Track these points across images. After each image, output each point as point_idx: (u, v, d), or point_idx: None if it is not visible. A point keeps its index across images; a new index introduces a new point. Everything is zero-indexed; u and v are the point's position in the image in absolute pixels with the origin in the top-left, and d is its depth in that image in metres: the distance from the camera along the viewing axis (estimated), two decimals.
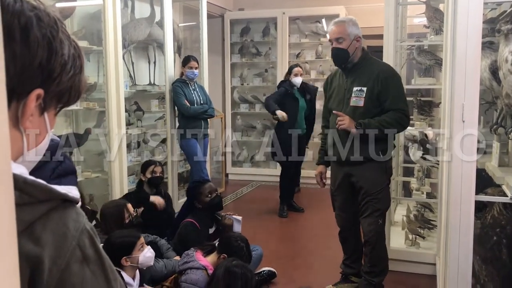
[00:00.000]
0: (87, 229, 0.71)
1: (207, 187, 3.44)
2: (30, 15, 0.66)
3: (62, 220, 0.68)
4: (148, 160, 4.10)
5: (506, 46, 1.85)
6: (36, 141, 0.73)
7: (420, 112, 4.03)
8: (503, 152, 2.31)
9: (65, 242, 0.67)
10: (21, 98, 0.67)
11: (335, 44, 2.87)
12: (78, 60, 0.74)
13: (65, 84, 0.72)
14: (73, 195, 0.71)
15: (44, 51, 0.67)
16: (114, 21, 3.74)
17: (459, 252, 1.92)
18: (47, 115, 0.73)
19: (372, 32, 6.30)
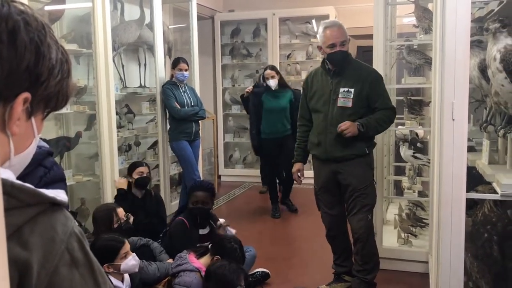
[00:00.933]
0: (76, 232, 0.71)
1: (198, 195, 3.36)
2: (17, 19, 0.66)
3: (50, 223, 0.68)
4: (134, 161, 4.07)
5: (494, 44, 1.86)
6: (23, 145, 0.72)
7: (411, 111, 4.06)
8: (492, 149, 2.33)
9: (53, 245, 0.67)
10: (8, 101, 0.67)
11: (339, 48, 2.89)
12: (66, 64, 0.74)
13: (52, 88, 0.72)
14: (61, 199, 0.70)
15: (31, 54, 0.67)
16: (103, 24, 3.72)
17: (451, 250, 1.93)
18: (34, 120, 0.73)
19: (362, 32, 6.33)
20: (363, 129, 2.86)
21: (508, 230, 2.15)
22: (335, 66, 2.97)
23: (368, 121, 2.89)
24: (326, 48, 2.93)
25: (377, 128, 2.95)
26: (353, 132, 2.85)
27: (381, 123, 2.93)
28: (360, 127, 2.86)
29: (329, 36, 2.91)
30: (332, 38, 2.90)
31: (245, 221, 5.02)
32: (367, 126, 2.87)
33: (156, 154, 4.84)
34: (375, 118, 2.91)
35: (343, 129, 2.85)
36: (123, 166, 4.32)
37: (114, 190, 3.85)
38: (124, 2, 4.55)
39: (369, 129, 2.89)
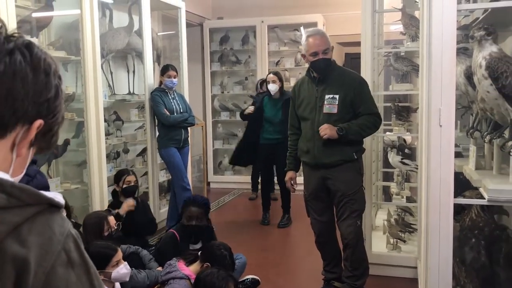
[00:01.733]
0: (72, 234, 0.73)
1: (191, 210, 3.33)
2: (50, 63, 0.79)
3: (48, 223, 0.70)
4: (121, 169, 4.04)
5: (479, 52, 1.89)
6: (18, 171, 0.78)
7: (398, 117, 4.10)
8: (479, 155, 2.36)
9: (51, 245, 0.69)
10: (26, 124, 0.75)
11: (322, 56, 2.93)
12: (64, 111, 0.84)
13: (56, 125, 0.81)
14: (58, 200, 0.73)
15: (53, 91, 0.78)
16: (92, 31, 3.71)
17: (439, 255, 1.94)
18: (31, 151, 0.79)
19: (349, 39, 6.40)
20: (342, 132, 2.89)
21: (495, 234, 2.17)
22: (319, 74, 3.01)
23: (349, 125, 2.92)
24: (309, 56, 2.98)
25: (360, 132, 2.95)
26: (330, 135, 2.89)
27: (363, 128, 2.95)
28: (339, 130, 2.89)
29: (312, 45, 2.96)
30: (314, 47, 2.95)
31: (234, 228, 5.01)
32: (347, 130, 2.90)
33: (145, 161, 4.82)
34: (357, 123, 2.94)
35: (320, 132, 2.91)
36: (111, 174, 4.29)
37: (103, 198, 3.83)
38: (113, 9, 4.54)
39: (349, 133, 2.90)
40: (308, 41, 2.97)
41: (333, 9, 6.75)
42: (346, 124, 2.92)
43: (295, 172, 3.30)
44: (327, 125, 2.91)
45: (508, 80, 1.80)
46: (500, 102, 1.87)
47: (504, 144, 1.94)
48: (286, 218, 5.07)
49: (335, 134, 2.89)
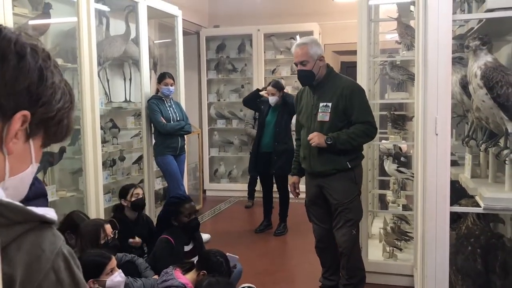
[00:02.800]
0: (64, 252, 0.70)
1: (188, 207, 3.34)
2: (25, 43, 0.72)
3: (38, 242, 0.67)
4: (126, 184, 3.92)
5: (474, 61, 1.91)
6: (19, 168, 0.74)
7: (394, 126, 4.12)
8: (475, 164, 2.37)
9: (39, 264, 0.66)
10: (7, 118, 0.69)
11: (300, 67, 3.00)
12: (69, 96, 0.77)
13: (53, 113, 0.74)
14: (50, 217, 0.70)
15: (34, 76, 0.71)
16: (89, 38, 3.71)
17: (436, 262, 1.95)
18: (33, 144, 0.74)
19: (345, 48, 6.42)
20: (330, 141, 2.90)
21: (491, 243, 2.18)
22: (302, 85, 3.14)
23: (338, 134, 2.92)
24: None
25: (349, 141, 2.92)
26: (318, 143, 2.91)
27: (353, 137, 2.92)
28: (328, 139, 2.90)
29: (294, 55, 3.08)
30: (294, 58, 3.07)
31: (230, 236, 5.00)
32: (335, 139, 2.90)
33: (141, 169, 4.80)
34: (347, 132, 2.94)
35: (309, 139, 2.93)
36: (107, 182, 4.27)
37: (99, 206, 3.80)
38: (110, 17, 4.55)
39: (338, 142, 2.90)
40: (293, 51, 3.10)
41: (329, 18, 6.79)
42: (335, 134, 2.93)
43: (298, 177, 3.31)
44: (316, 133, 2.94)
45: (503, 89, 1.82)
46: (495, 111, 1.88)
47: (500, 152, 1.95)
48: (282, 226, 5.06)
49: (323, 143, 2.91)
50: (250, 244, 4.77)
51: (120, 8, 4.60)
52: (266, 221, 5.19)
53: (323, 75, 3.04)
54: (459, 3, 2.54)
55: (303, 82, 3.10)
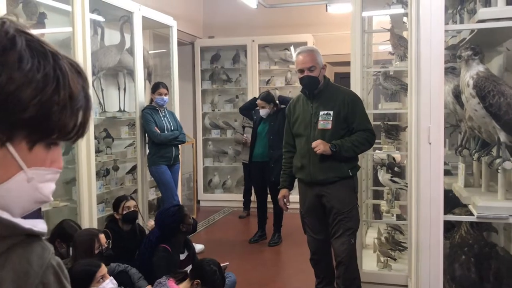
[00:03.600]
0: (53, 265, 0.68)
1: (186, 210, 3.42)
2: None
3: (25, 256, 0.65)
4: (118, 197, 3.88)
5: (467, 71, 1.93)
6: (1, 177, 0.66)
7: (388, 136, 4.14)
8: (468, 173, 2.39)
9: (27, 280, 0.64)
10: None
11: (307, 73, 2.98)
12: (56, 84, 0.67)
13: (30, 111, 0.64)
14: (38, 230, 0.68)
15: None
16: (83, 48, 3.72)
17: (430, 271, 1.95)
18: (14, 148, 0.66)
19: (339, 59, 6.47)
20: (335, 149, 2.91)
21: (485, 252, 2.19)
22: (306, 89, 3.08)
23: (342, 142, 2.94)
24: (298, 72, 3.07)
25: (353, 149, 2.96)
26: (323, 150, 2.90)
27: (356, 144, 2.96)
28: (333, 147, 2.91)
29: (299, 62, 3.05)
30: (300, 64, 3.04)
31: (224, 246, 4.98)
32: (340, 146, 2.92)
33: (135, 179, 4.79)
34: (350, 140, 2.96)
35: (314, 147, 2.93)
36: (100, 191, 4.25)
37: (92, 215, 3.78)
38: (104, 27, 4.56)
39: (342, 150, 2.92)
40: (297, 58, 3.07)
41: (322, 29, 6.85)
42: (339, 141, 2.94)
43: (288, 190, 3.30)
44: (320, 140, 2.94)
45: (495, 98, 1.84)
46: (488, 120, 1.90)
47: (492, 161, 1.97)
48: (276, 236, 5.05)
49: (328, 150, 2.91)
50: (244, 254, 4.75)
51: (115, 18, 4.62)
52: (260, 231, 5.18)
53: (322, 84, 3.06)
54: (451, 14, 2.58)
55: (309, 88, 3.06)
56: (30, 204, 0.71)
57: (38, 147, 0.69)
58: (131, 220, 3.69)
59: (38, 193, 0.70)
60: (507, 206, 1.92)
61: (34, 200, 0.71)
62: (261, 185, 5.08)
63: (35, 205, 0.71)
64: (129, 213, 3.64)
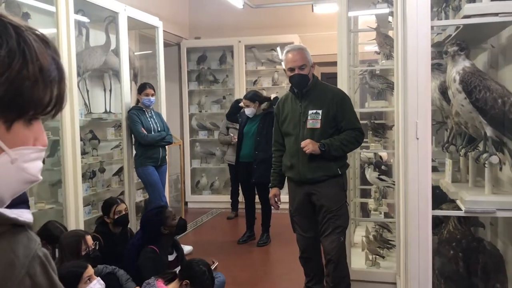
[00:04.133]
0: (39, 255, 0.66)
1: (170, 211, 3.38)
2: None
3: (10, 246, 0.63)
4: (107, 200, 3.85)
5: (453, 67, 1.95)
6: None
7: (375, 134, 4.16)
8: (455, 170, 2.40)
9: (12, 270, 0.62)
10: None
11: (298, 71, 2.97)
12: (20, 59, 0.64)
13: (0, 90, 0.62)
14: (24, 219, 0.66)
15: None
16: (68, 49, 3.68)
17: (419, 266, 1.96)
18: None
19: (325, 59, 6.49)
20: (324, 148, 2.91)
21: (472, 246, 2.20)
22: (296, 88, 3.06)
23: (331, 141, 2.95)
24: (287, 71, 3.05)
25: (342, 148, 2.97)
26: (313, 149, 2.90)
27: (345, 143, 2.97)
28: (322, 146, 2.91)
29: (289, 60, 3.04)
30: (290, 62, 3.03)
31: (213, 247, 4.96)
32: (329, 145, 2.92)
33: (122, 181, 4.74)
34: (339, 138, 2.97)
35: (303, 146, 2.92)
36: (87, 194, 4.21)
37: (78, 218, 3.73)
38: (89, 28, 4.52)
39: (331, 149, 2.93)
40: (287, 57, 3.05)
41: (309, 29, 6.87)
42: (328, 140, 2.95)
43: (279, 189, 3.29)
44: (309, 140, 2.94)
45: (481, 93, 1.86)
46: (474, 115, 1.92)
47: (479, 156, 1.98)
48: (265, 236, 5.04)
49: (317, 150, 2.91)
50: (233, 255, 4.73)
51: (100, 19, 4.58)
52: (248, 232, 5.17)
53: (311, 83, 3.06)
54: (436, 12, 2.60)
55: (299, 86, 3.05)
56: (19, 185, 0.69)
57: (17, 126, 0.66)
58: (123, 224, 3.67)
59: (25, 173, 0.69)
60: (494, 200, 1.94)
61: (23, 181, 0.69)
62: (249, 186, 5.07)
63: (24, 185, 0.70)
64: (121, 217, 3.62)
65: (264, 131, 4.80)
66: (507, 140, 1.95)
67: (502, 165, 2.00)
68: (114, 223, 3.60)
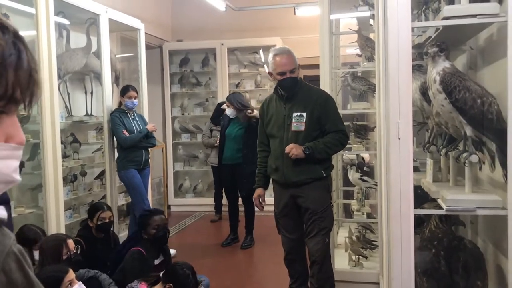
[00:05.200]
0: (14, 251, 0.65)
1: (157, 219, 3.33)
2: None
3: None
4: (94, 204, 3.82)
5: (433, 67, 1.98)
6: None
7: (357, 135, 4.19)
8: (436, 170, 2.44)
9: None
10: None
11: (289, 75, 2.96)
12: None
13: None
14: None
15: None
16: (48, 51, 3.63)
17: (402, 265, 1.98)
18: None
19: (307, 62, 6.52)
20: (308, 151, 2.91)
21: (453, 245, 2.24)
22: (286, 92, 3.02)
23: (315, 144, 2.94)
24: (276, 75, 3.00)
25: (326, 150, 2.96)
26: (297, 154, 2.90)
27: (329, 145, 2.96)
28: (306, 149, 2.91)
29: (279, 64, 2.97)
30: (281, 66, 2.97)
31: (197, 250, 4.93)
32: (313, 148, 2.91)
33: (103, 184, 4.69)
34: (323, 141, 2.96)
35: (287, 152, 2.91)
36: (68, 197, 4.15)
37: (59, 222, 3.68)
38: (70, 30, 4.47)
39: (315, 152, 2.92)
40: (275, 60, 2.99)
41: (291, 32, 6.90)
42: (312, 143, 2.93)
43: (264, 189, 3.28)
44: (293, 144, 2.92)
45: (461, 94, 1.89)
46: (454, 115, 1.95)
47: (459, 155, 2.02)
48: (249, 239, 5.04)
49: (301, 154, 2.90)
50: (217, 257, 4.71)
51: (81, 21, 4.53)
52: (232, 234, 5.15)
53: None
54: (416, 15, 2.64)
55: (290, 90, 3.00)
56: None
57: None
58: (105, 231, 3.65)
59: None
60: (474, 199, 1.97)
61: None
62: (232, 188, 5.06)
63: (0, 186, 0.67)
64: (103, 224, 3.60)
65: (250, 142, 4.74)
66: (486, 140, 1.99)
67: (481, 164, 2.03)
68: (96, 228, 3.58)
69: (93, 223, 3.56)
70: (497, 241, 2.23)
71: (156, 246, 3.35)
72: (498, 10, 1.85)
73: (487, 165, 2.03)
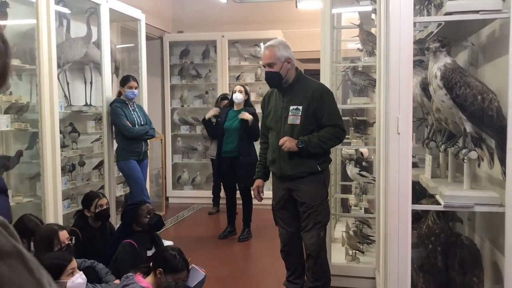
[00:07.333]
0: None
1: (144, 207, 3.31)
2: None
3: None
4: (89, 193, 3.80)
5: (435, 63, 1.97)
6: None
7: (356, 130, 4.19)
8: (435, 166, 2.44)
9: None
10: None
11: (268, 69, 3.00)
12: None
13: None
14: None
15: None
16: (48, 40, 3.62)
17: (398, 260, 1.98)
18: None
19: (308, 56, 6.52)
20: (302, 145, 2.90)
21: (451, 241, 2.24)
22: (270, 86, 3.13)
23: (309, 138, 2.93)
24: None
25: (320, 144, 2.94)
26: (290, 147, 2.91)
27: (324, 140, 2.95)
28: (299, 143, 2.91)
29: (262, 57, 3.11)
30: (262, 59, 3.11)
31: (194, 242, 4.94)
32: (306, 142, 2.91)
33: (102, 175, 4.69)
34: (318, 135, 2.95)
35: (281, 144, 2.92)
36: (66, 187, 4.15)
37: (57, 212, 3.68)
38: (70, 19, 4.45)
39: (309, 146, 2.91)
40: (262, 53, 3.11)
41: (292, 25, 6.88)
42: (306, 137, 2.93)
43: (263, 180, 3.29)
44: (287, 137, 2.94)
45: (462, 90, 1.88)
46: (454, 111, 1.94)
47: (458, 152, 2.01)
48: (246, 231, 5.05)
49: (294, 147, 2.91)
50: (214, 250, 4.72)
51: (81, 10, 4.51)
52: (230, 227, 5.16)
53: (292, 78, 3.04)
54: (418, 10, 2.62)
55: (270, 83, 3.08)
56: None
57: None
58: (104, 218, 3.62)
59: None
60: (473, 195, 1.97)
61: None
62: (230, 181, 5.06)
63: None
64: (102, 211, 3.57)
65: (245, 135, 4.77)
66: (486, 136, 1.98)
67: (480, 161, 2.03)
68: (95, 217, 3.56)
69: (91, 212, 3.54)
70: (494, 238, 2.24)
71: (152, 234, 3.35)
72: (501, 6, 1.84)
73: (486, 162, 2.03)
